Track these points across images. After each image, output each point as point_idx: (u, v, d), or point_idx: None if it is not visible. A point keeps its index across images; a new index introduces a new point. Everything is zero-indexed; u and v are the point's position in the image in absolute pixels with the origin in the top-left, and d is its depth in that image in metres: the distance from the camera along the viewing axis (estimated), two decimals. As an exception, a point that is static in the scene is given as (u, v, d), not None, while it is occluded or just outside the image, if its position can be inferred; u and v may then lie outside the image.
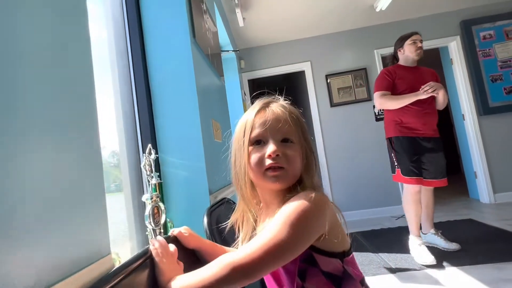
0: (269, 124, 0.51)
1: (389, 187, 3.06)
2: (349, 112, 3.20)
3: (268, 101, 0.55)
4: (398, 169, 1.88)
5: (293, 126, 0.52)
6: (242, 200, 0.55)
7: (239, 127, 0.55)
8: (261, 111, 0.53)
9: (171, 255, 0.49)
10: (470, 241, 1.98)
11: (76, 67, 0.44)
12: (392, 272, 1.66)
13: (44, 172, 0.35)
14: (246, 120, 0.54)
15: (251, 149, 0.51)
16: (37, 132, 0.34)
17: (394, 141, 1.90)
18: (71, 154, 0.40)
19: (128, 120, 1.06)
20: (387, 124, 1.97)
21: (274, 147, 0.49)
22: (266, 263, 0.40)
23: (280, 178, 0.49)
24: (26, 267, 0.30)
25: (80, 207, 0.40)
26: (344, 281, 0.46)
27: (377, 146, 3.13)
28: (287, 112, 0.53)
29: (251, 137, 0.51)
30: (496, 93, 3.02)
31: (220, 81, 1.79)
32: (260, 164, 0.50)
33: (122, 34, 1.09)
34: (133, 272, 0.40)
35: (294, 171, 0.50)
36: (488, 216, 2.54)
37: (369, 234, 2.44)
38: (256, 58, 3.36)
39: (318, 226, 0.44)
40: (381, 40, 3.25)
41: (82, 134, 0.42)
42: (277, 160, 0.49)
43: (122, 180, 1.06)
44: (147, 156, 0.73)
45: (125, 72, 1.07)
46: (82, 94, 0.44)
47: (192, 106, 1.07)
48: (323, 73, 3.27)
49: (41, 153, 0.35)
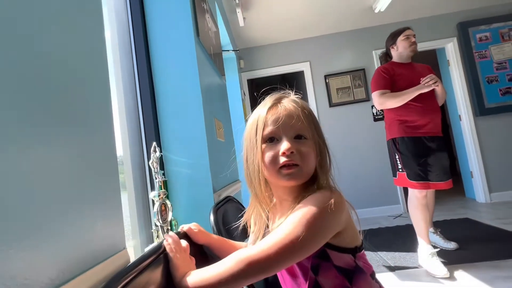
0: (281, 121, 0.50)
1: (386, 187, 3.09)
2: (348, 112, 3.23)
3: (280, 97, 0.54)
4: (402, 172, 1.73)
5: (306, 122, 0.51)
6: (255, 198, 0.55)
7: (251, 124, 0.54)
8: (273, 108, 0.52)
9: (184, 251, 0.49)
10: (466, 240, 2.01)
11: (93, 65, 0.45)
12: (391, 270, 1.67)
13: (62, 170, 0.35)
14: (257, 117, 0.53)
15: (264, 147, 0.51)
16: (54, 129, 0.35)
17: (399, 142, 1.75)
18: (88, 151, 0.40)
19: (132, 118, 1.06)
20: (390, 125, 1.82)
21: (288, 145, 0.49)
22: (282, 260, 0.41)
23: (295, 176, 0.49)
24: (49, 261, 0.30)
25: (96, 203, 0.40)
26: (356, 275, 0.47)
27: (375, 146, 3.16)
28: (299, 108, 0.52)
29: (264, 134, 0.51)
30: (492, 94, 3.06)
31: (221, 80, 1.79)
32: (274, 162, 0.49)
33: (126, 32, 1.09)
34: (148, 267, 0.40)
35: (308, 168, 0.50)
36: (484, 215, 2.58)
37: (368, 233, 2.46)
38: (256, 58, 3.37)
39: (333, 226, 0.45)
40: (379, 41, 3.27)
41: (98, 131, 0.43)
42: (291, 157, 0.49)
43: (126, 179, 1.06)
44: (153, 153, 0.73)
45: (129, 71, 1.07)
46: (98, 91, 0.45)
47: (196, 105, 1.08)
48: (322, 74, 3.29)
49: (58, 152, 0.35)
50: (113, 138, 0.45)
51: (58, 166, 0.34)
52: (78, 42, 0.42)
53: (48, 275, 0.29)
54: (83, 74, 0.42)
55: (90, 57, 0.45)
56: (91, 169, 0.40)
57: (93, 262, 0.36)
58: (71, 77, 0.40)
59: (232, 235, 0.75)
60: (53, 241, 0.31)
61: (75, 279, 0.32)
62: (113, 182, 0.44)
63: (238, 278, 0.40)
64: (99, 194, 0.40)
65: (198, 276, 0.44)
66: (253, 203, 0.56)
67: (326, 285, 0.46)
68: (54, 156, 0.34)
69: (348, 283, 0.46)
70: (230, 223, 0.75)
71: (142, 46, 1.08)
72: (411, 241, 2.12)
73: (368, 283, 0.47)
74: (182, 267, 0.46)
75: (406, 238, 2.22)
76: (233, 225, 0.62)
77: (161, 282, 0.43)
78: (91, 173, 0.40)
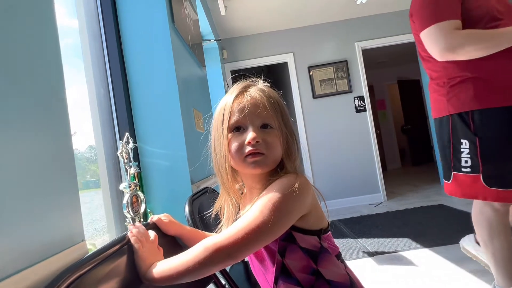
0: (247, 110, 0.50)
1: (367, 176, 3.19)
2: (331, 104, 3.27)
3: (246, 85, 0.54)
4: (472, 173, 0.95)
5: (271, 111, 0.51)
6: (223, 187, 0.55)
7: (218, 113, 0.54)
8: (239, 96, 0.52)
9: (151, 242, 0.48)
10: (440, 225, 2.12)
11: (42, 52, 0.41)
12: (370, 256, 1.74)
13: (11, 162, 0.32)
14: (224, 105, 0.52)
15: (231, 136, 0.51)
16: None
17: (477, 118, 0.93)
18: (40, 142, 0.37)
19: (103, 109, 1.02)
20: (454, 88, 0.97)
21: (254, 134, 0.49)
22: (249, 244, 0.41)
23: (260, 164, 0.49)
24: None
25: (51, 195, 0.38)
26: (321, 255, 0.48)
27: (357, 136, 3.23)
28: (265, 97, 0.52)
29: (230, 123, 0.51)
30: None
31: (201, 71, 1.75)
32: (239, 151, 0.50)
33: (94, 17, 1.03)
34: (109, 258, 0.39)
35: (274, 157, 0.50)
36: (456, 200, 2.72)
37: (349, 221, 2.54)
38: (239, 49, 3.32)
39: (298, 209, 0.45)
40: (361, 33, 3.31)
41: (51, 122, 0.40)
42: (257, 146, 0.49)
43: (99, 173, 1.02)
44: (124, 144, 0.70)
45: (99, 58, 1.02)
46: (50, 82, 0.42)
47: (172, 94, 1.04)
48: (306, 65, 3.30)
49: (6, 143, 0.32)
50: (67, 127, 0.42)
51: (6, 158, 0.32)
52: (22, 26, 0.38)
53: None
54: (30, 60, 0.39)
55: (37, 41, 0.41)
56: (44, 161, 0.37)
57: (47, 253, 0.35)
58: (15, 64, 0.36)
59: (210, 227, 0.74)
60: (3, 231, 0.29)
61: (26, 269, 0.30)
62: (69, 173, 0.41)
63: (206, 265, 0.40)
64: (55, 186, 0.38)
65: (165, 266, 0.43)
66: (222, 193, 0.56)
67: (292, 266, 0.47)
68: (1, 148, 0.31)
69: (313, 264, 0.47)
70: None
71: (113, 32, 1.03)
72: (389, 227, 2.21)
73: (333, 263, 0.49)
74: (148, 259, 0.45)
75: (385, 225, 2.32)
76: (205, 214, 0.61)
77: (124, 274, 0.41)
78: (44, 165, 0.37)
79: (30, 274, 0.31)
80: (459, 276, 1.37)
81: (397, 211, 2.66)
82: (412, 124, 5.40)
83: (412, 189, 3.55)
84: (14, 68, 0.36)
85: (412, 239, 1.90)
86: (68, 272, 0.31)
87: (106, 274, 0.37)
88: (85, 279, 0.33)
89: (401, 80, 5.49)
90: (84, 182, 1.04)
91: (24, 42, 0.38)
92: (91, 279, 0.34)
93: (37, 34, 0.41)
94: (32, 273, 0.31)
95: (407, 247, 1.77)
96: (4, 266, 0.29)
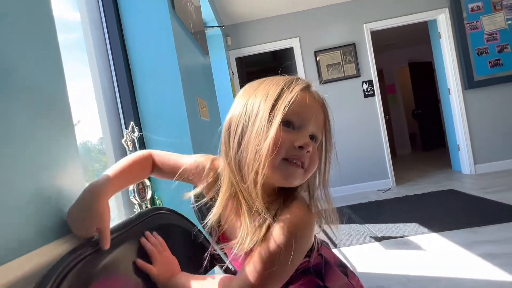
0: (312, 110, 0.43)
1: (376, 162, 3.15)
2: (338, 89, 3.20)
3: (308, 83, 0.46)
4: None
5: (326, 124, 0.46)
6: (240, 195, 0.43)
7: (265, 93, 0.42)
8: (304, 91, 0.43)
9: (168, 250, 0.48)
10: (450, 209, 2.09)
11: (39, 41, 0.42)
12: (378, 241, 1.75)
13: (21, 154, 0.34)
14: (281, 89, 0.42)
15: (280, 129, 0.40)
16: None
17: None
18: (45, 133, 0.38)
19: (108, 100, 1.03)
20: None
21: (308, 139, 0.41)
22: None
23: (296, 177, 0.41)
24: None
25: (58, 182, 0.39)
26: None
27: (365, 122, 3.17)
28: (326, 106, 0.46)
29: (287, 113, 0.40)
30: (482, 66, 3.05)
31: (205, 59, 1.73)
32: (281, 151, 0.40)
33: (95, 7, 1.02)
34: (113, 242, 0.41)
35: (310, 174, 0.43)
36: (468, 186, 2.67)
37: (356, 207, 2.54)
38: (243, 35, 3.25)
39: (307, 247, 0.44)
40: (370, 14, 3.18)
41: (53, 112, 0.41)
42: (305, 156, 0.41)
43: (108, 162, 1.04)
44: (129, 132, 0.72)
45: (101, 48, 1.02)
46: (51, 75, 0.42)
47: (175, 83, 1.04)
48: (312, 50, 3.21)
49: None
50: (69, 116, 0.43)
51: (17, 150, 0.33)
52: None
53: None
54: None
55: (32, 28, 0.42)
56: (50, 150, 0.38)
57: (60, 235, 0.38)
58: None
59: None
60: (24, 213, 0.31)
61: (47, 245, 0.35)
62: (73, 161, 0.43)
63: None
64: (63, 174, 0.40)
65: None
66: (230, 201, 0.45)
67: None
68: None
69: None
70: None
71: (114, 22, 1.02)
72: (397, 213, 2.20)
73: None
74: (167, 266, 0.46)
75: (393, 210, 2.31)
76: (202, 201, 0.50)
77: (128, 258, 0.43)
78: (50, 153, 0.38)
79: (51, 248, 0.36)
80: (469, 260, 1.36)
81: (405, 196, 2.64)
82: (423, 108, 5.25)
83: (421, 174, 3.49)
84: (12, 64, 0.36)
85: (420, 223, 1.89)
86: (76, 250, 0.35)
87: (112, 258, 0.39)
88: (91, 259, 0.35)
89: (413, 62, 5.29)
90: (97, 174, 1.08)
91: (20, 38, 0.38)
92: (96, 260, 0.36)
93: (34, 29, 0.41)
94: (53, 248, 0.36)
95: (415, 232, 1.77)
96: (29, 240, 0.34)
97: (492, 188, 2.41)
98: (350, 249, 1.70)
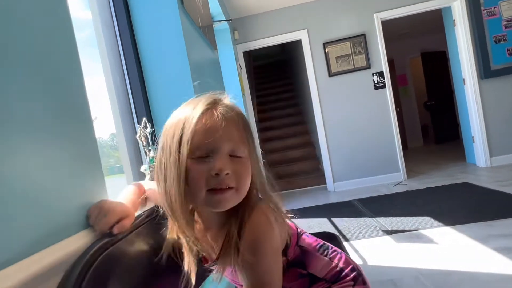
0: (217, 132, 0.40)
1: (386, 155, 3.10)
2: (348, 82, 3.14)
3: (215, 100, 0.44)
4: None
5: (245, 136, 0.43)
6: (175, 225, 0.44)
7: (173, 129, 0.42)
8: (207, 113, 0.41)
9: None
10: (464, 203, 2.05)
11: (59, 45, 0.43)
12: (388, 234, 1.74)
13: (41, 152, 0.35)
14: (183, 122, 0.41)
15: (190, 163, 0.40)
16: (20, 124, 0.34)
17: None
18: (65, 131, 0.40)
19: (121, 97, 1.05)
20: None
21: (223, 163, 0.40)
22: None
23: (228, 201, 0.41)
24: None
25: (79, 180, 0.41)
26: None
27: (376, 114, 3.11)
28: (238, 118, 0.43)
29: (192, 148, 0.39)
30: (499, 54, 2.93)
31: (213, 53, 1.73)
32: (201, 184, 0.40)
33: (106, 5, 1.03)
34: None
35: (244, 191, 0.43)
36: (483, 178, 2.60)
37: (367, 201, 2.52)
38: (251, 28, 3.22)
39: (279, 243, 0.46)
40: (381, 3, 3.08)
41: (73, 110, 0.42)
42: (226, 180, 0.40)
43: (121, 158, 1.07)
44: (142, 128, 0.73)
45: (113, 46, 1.04)
46: (69, 71, 0.43)
47: (185, 78, 1.05)
48: (321, 41, 3.16)
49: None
50: (88, 112, 0.45)
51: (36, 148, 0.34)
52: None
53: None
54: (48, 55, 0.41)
55: (53, 33, 0.43)
56: (69, 149, 0.40)
57: (79, 229, 0.40)
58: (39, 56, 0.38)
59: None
60: (44, 208, 0.34)
61: (65, 239, 0.37)
62: (94, 158, 0.44)
63: None
64: (82, 172, 0.41)
65: None
66: (175, 230, 0.46)
67: None
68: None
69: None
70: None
71: (125, 19, 1.03)
72: (409, 206, 2.18)
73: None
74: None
75: (404, 204, 2.28)
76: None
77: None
78: (70, 152, 0.40)
79: (70, 242, 0.38)
80: (483, 253, 1.34)
81: (417, 190, 2.59)
82: (436, 100, 5.10)
83: (434, 167, 3.42)
84: (35, 62, 0.38)
85: (433, 217, 1.86)
86: (97, 242, 0.36)
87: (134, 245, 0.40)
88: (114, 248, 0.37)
89: (425, 52, 5.12)
90: (110, 168, 1.10)
91: (40, 34, 0.40)
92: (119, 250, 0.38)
93: (52, 26, 0.43)
94: (72, 242, 0.38)
95: (428, 225, 1.75)
96: (46, 236, 0.35)
97: (508, 181, 2.34)
98: (360, 242, 1.70)
